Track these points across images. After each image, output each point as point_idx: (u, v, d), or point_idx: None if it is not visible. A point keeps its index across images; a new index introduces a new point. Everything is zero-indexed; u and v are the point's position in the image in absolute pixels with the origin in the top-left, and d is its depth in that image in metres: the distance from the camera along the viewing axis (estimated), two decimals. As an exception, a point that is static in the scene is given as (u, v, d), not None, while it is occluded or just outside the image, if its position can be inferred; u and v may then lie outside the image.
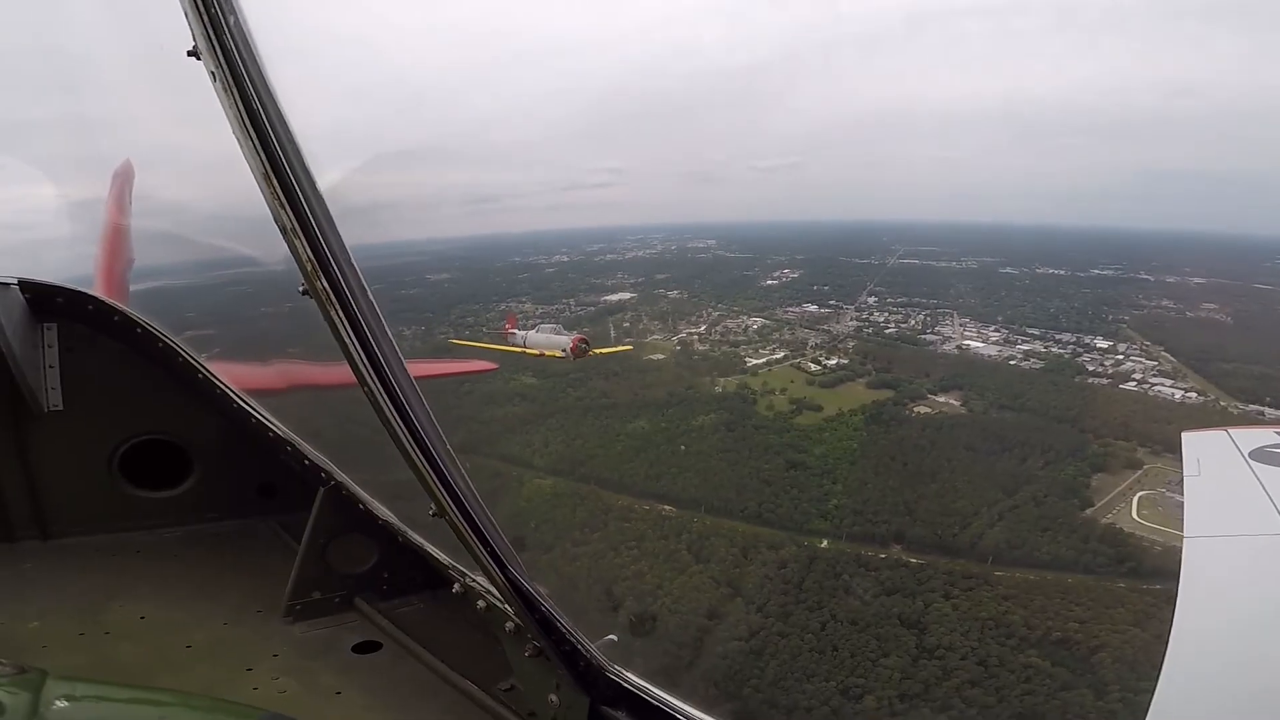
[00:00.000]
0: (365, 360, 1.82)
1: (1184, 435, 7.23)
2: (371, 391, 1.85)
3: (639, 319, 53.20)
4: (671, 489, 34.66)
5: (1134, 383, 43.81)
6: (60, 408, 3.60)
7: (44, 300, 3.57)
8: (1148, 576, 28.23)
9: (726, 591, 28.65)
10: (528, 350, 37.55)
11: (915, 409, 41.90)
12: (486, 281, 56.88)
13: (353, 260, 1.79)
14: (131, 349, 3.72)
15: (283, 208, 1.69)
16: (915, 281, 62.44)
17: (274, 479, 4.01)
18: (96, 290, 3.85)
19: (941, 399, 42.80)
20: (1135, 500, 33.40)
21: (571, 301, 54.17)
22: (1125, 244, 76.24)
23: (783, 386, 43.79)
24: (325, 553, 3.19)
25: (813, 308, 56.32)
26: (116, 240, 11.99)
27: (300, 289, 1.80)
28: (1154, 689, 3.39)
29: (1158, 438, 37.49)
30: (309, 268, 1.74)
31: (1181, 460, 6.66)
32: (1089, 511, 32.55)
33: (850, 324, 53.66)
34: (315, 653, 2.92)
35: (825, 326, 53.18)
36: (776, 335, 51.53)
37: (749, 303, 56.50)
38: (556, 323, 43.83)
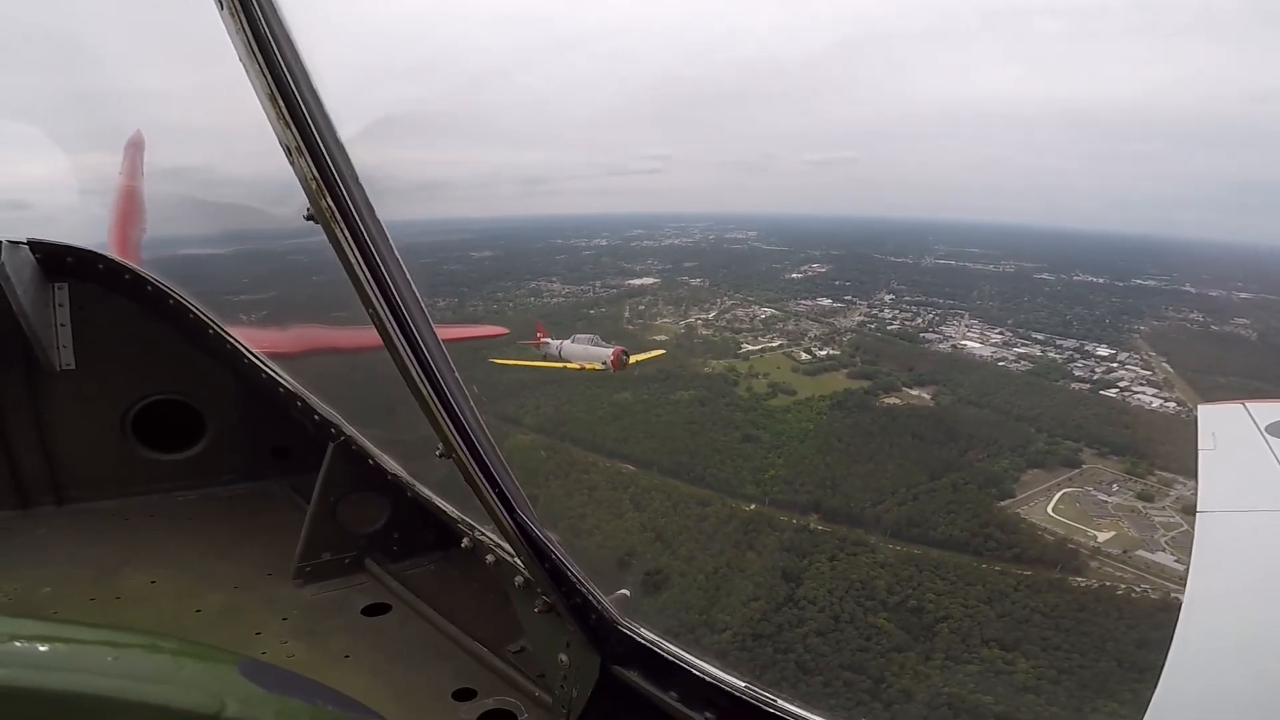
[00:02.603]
0: (371, 280, 1.80)
1: (1200, 408, 7.03)
2: (377, 313, 1.83)
3: (655, 303, 58.09)
4: (635, 450, 39.90)
5: (1115, 390, 44.67)
6: (72, 366, 3.67)
7: (55, 260, 3.60)
8: (1026, 563, 31.04)
9: (650, 535, 33.78)
10: (568, 365, 37.95)
11: (885, 399, 44.84)
12: (524, 261, 63.29)
13: (360, 179, 1.78)
14: (143, 307, 3.78)
15: (287, 127, 1.69)
16: (942, 281, 63.87)
17: (288, 441, 4.06)
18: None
19: (914, 392, 45.43)
20: (1057, 496, 35.58)
21: (597, 283, 59.70)
22: (1186, 254, 73.42)
23: (767, 371, 47.72)
24: (336, 511, 3.24)
25: (826, 301, 59.24)
26: (129, 209, 12.28)
27: (305, 214, 1.79)
28: (1164, 658, 3.43)
29: (1110, 441, 39.20)
30: (313, 186, 1.73)
31: (1199, 433, 6.50)
32: (1006, 502, 35.06)
33: (856, 319, 56.29)
34: (325, 615, 2.97)
35: (831, 320, 56.11)
36: (780, 325, 55.01)
37: (764, 293, 60.09)
38: (592, 332, 43.64)
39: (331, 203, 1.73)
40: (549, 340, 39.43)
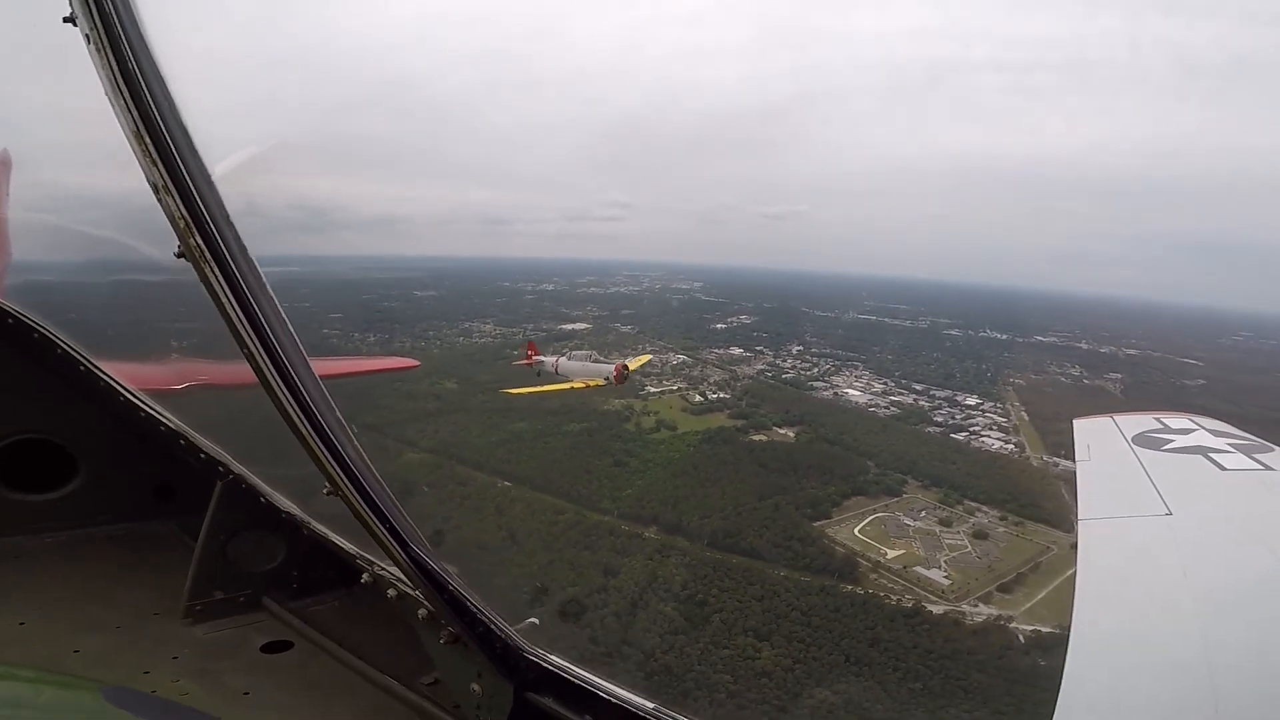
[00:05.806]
0: (244, 320, 1.78)
1: (1076, 422, 7.53)
2: (252, 354, 1.81)
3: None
4: (514, 470, 45.25)
5: (965, 434, 49.17)
6: None
7: None
8: (813, 572, 35.57)
9: (504, 535, 39.11)
10: (574, 384, 39.91)
11: (753, 436, 49.84)
12: (465, 302, 69.68)
13: (230, 217, 1.76)
14: (3, 341, 3.57)
15: (154, 164, 1.65)
16: (855, 335, 69.11)
17: (172, 479, 3.87)
18: None
19: (782, 430, 50.34)
20: (869, 519, 40.15)
21: (530, 326, 65.70)
22: (1106, 311, 77.86)
23: (658, 410, 53.13)
24: (226, 550, 3.10)
25: (737, 350, 64.70)
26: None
27: (175, 251, 1.76)
28: (1064, 657, 3.59)
29: (934, 475, 43.80)
30: (181, 224, 1.70)
31: (1075, 446, 6.93)
32: (821, 522, 39.70)
33: (758, 367, 61.62)
34: (220, 654, 2.84)
35: (735, 367, 61.48)
36: (688, 371, 60.47)
37: (684, 341, 65.77)
38: (586, 349, 47.55)
39: (201, 241, 1.74)
40: (542, 358, 42.22)
